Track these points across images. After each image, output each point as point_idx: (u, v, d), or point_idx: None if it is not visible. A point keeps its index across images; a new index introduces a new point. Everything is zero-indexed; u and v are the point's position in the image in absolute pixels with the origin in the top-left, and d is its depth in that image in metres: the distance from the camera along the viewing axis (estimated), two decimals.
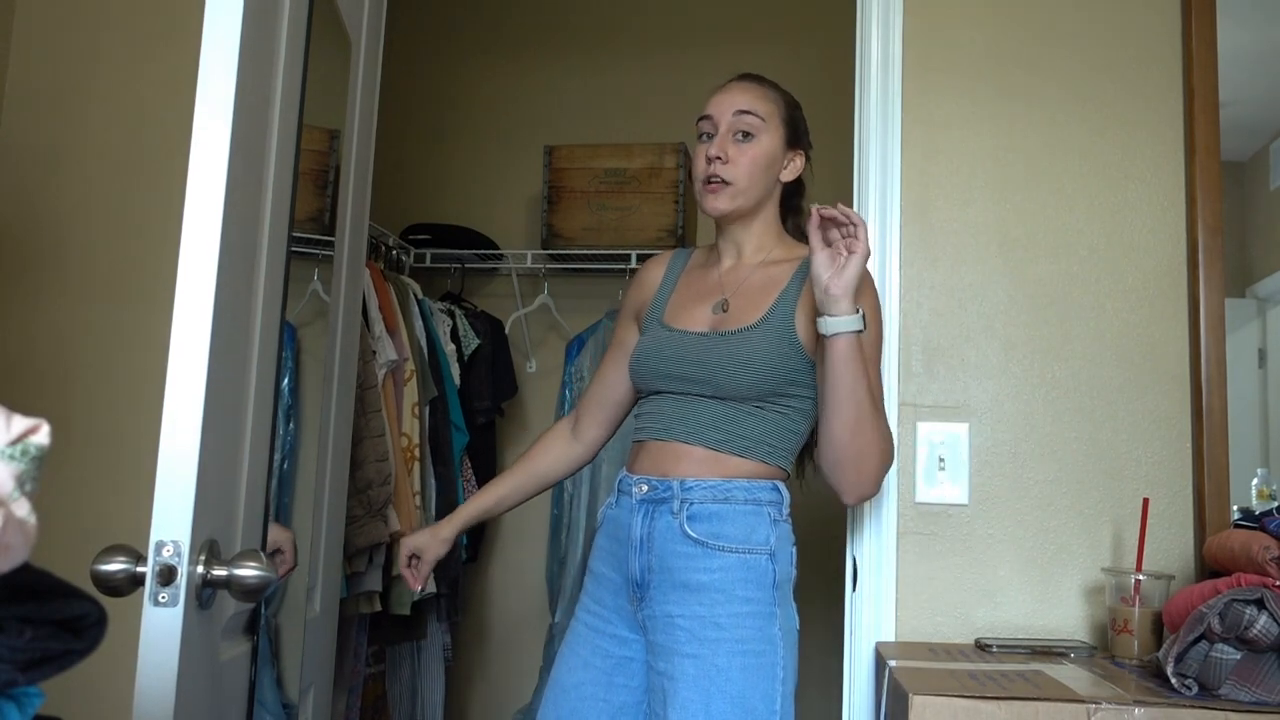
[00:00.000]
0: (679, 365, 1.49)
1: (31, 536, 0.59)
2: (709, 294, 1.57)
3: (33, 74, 2.03)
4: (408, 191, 3.49)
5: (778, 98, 1.58)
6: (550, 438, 1.75)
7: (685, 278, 1.64)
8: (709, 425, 1.47)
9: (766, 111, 1.54)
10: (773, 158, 1.55)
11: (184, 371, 1.09)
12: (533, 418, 3.43)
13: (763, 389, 1.45)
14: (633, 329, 1.68)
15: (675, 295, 1.62)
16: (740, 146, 1.53)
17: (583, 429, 1.72)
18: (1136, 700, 1.21)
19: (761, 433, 1.47)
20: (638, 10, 3.51)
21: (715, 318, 1.54)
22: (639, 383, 1.57)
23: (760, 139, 1.53)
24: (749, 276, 1.56)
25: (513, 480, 1.73)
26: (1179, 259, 1.70)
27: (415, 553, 1.68)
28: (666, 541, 1.45)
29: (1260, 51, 1.75)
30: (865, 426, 1.39)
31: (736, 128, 1.53)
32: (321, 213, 1.80)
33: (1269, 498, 1.65)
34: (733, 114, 1.54)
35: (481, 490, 1.75)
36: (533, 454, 1.74)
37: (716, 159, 1.52)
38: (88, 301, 1.98)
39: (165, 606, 1.04)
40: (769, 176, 1.55)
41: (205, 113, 1.13)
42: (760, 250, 1.58)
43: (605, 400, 1.69)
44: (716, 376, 1.45)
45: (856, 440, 1.39)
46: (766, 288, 1.52)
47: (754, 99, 1.55)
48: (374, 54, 2.01)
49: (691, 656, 1.39)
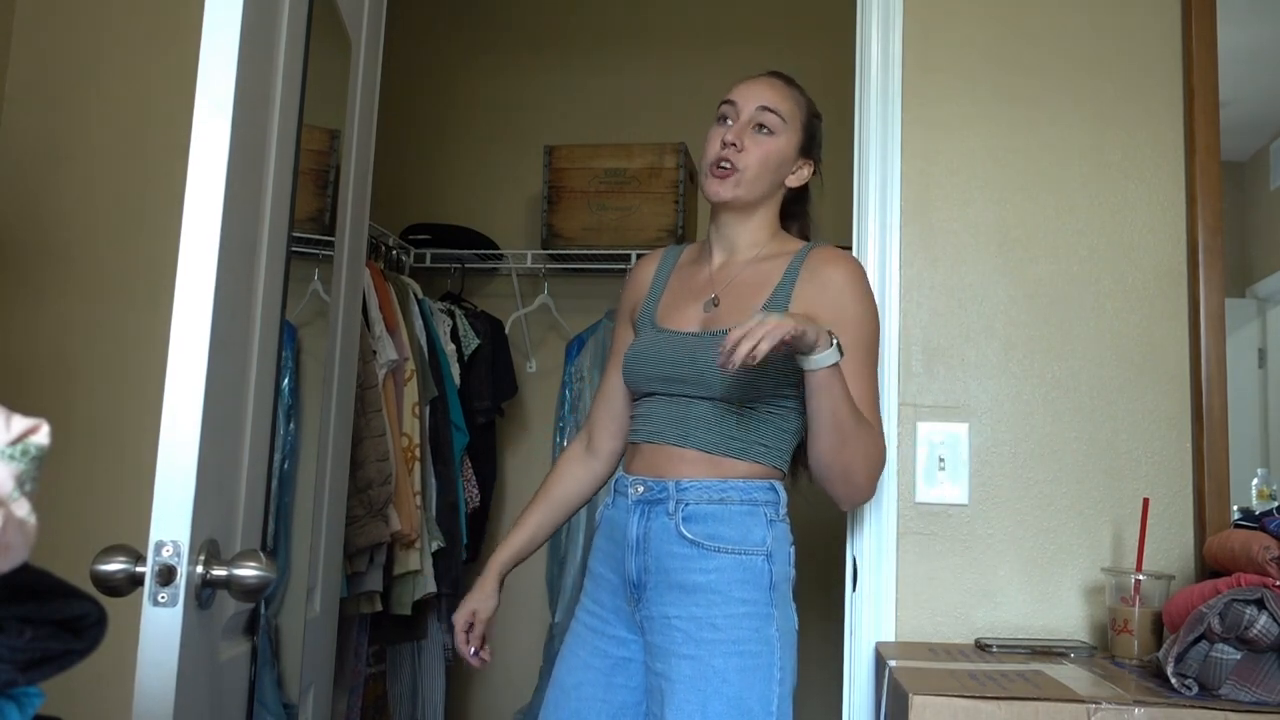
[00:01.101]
0: (670, 367, 1.49)
1: (31, 536, 0.59)
2: (700, 292, 1.56)
3: (33, 73, 2.03)
4: (408, 191, 3.49)
5: (803, 102, 1.58)
6: (565, 463, 1.71)
7: (676, 275, 1.63)
8: (701, 428, 1.46)
9: (789, 112, 1.54)
10: (785, 158, 1.54)
11: (184, 371, 1.09)
12: (533, 418, 3.43)
13: (754, 390, 1.44)
14: (630, 332, 1.68)
15: (667, 294, 1.61)
16: (756, 138, 1.53)
17: (598, 444, 1.69)
18: (1136, 700, 1.21)
19: (755, 434, 1.46)
20: (638, 11, 3.51)
21: (706, 316, 1.53)
22: (631, 385, 1.56)
23: (778, 137, 1.53)
24: (740, 274, 1.55)
25: (538, 516, 1.69)
26: (1179, 259, 1.69)
27: (471, 619, 1.64)
28: (662, 542, 1.45)
29: (1260, 51, 1.75)
30: (849, 444, 1.40)
31: (757, 120, 1.53)
32: (321, 213, 1.80)
33: (1269, 498, 1.65)
34: (756, 107, 1.54)
35: (511, 534, 1.70)
36: (551, 484, 1.70)
37: (731, 145, 1.52)
38: (88, 301, 1.98)
39: (165, 606, 1.04)
40: (777, 176, 1.55)
41: (205, 112, 1.13)
42: (754, 247, 1.57)
43: (614, 411, 1.67)
44: (706, 376, 1.44)
45: (841, 457, 1.41)
46: (759, 285, 1.51)
47: (780, 98, 1.55)
48: (374, 54, 2.01)
49: (688, 658, 1.39)
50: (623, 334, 1.69)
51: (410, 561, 2.62)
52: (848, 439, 1.39)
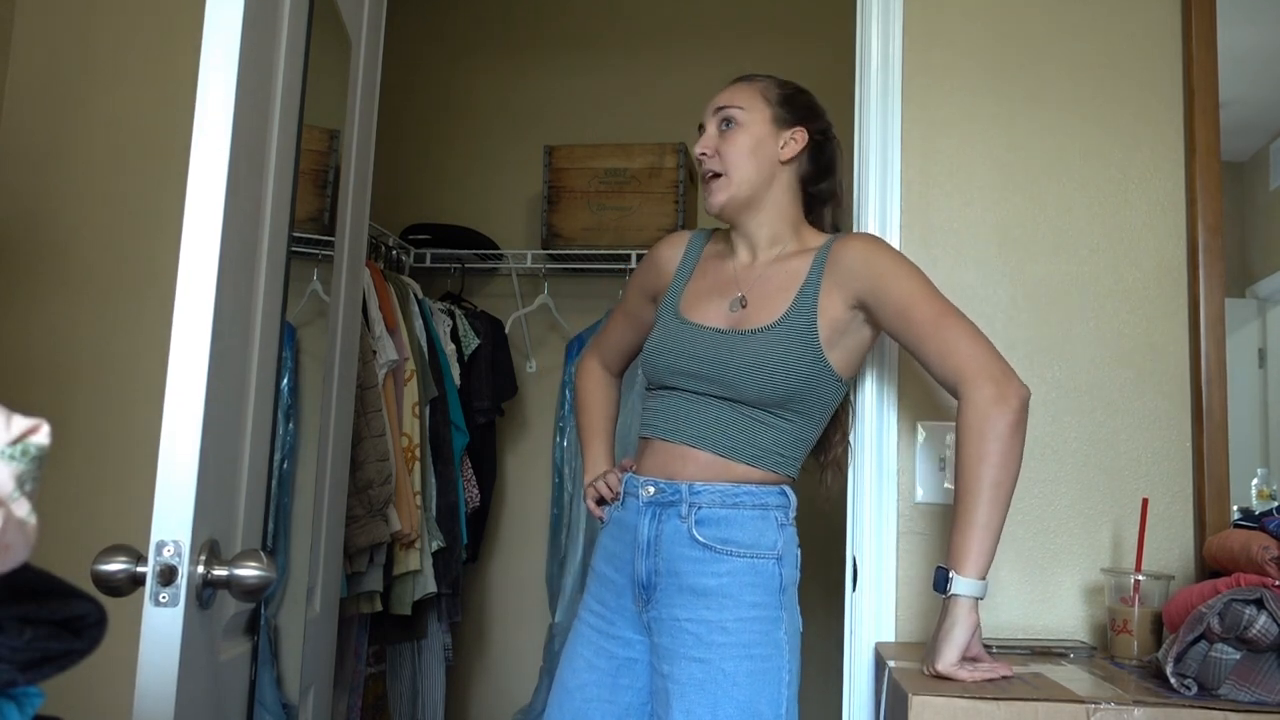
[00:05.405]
0: (693, 362, 1.48)
1: (31, 536, 0.59)
2: (725, 288, 1.55)
3: (33, 74, 2.03)
4: (408, 191, 3.49)
5: (761, 85, 1.57)
6: (601, 381, 1.81)
7: (701, 266, 1.61)
8: (719, 430, 1.46)
9: (746, 100, 1.54)
10: (760, 138, 1.53)
11: (184, 371, 1.09)
12: (533, 418, 3.43)
13: (777, 394, 1.43)
14: (647, 306, 1.68)
15: (692, 283, 1.59)
16: (725, 136, 1.54)
17: (613, 369, 1.82)
18: (1136, 700, 1.20)
19: (772, 442, 1.46)
20: (638, 10, 3.51)
21: (733, 315, 1.51)
22: (651, 375, 1.55)
23: (741, 124, 1.53)
24: (765, 273, 1.53)
25: (608, 412, 1.80)
26: (1179, 259, 1.69)
27: (601, 478, 1.63)
28: (674, 545, 1.44)
29: (1261, 51, 1.75)
30: (1010, 482, 1.35)
31: (720, 120, 1.55)
32: (321, 213, 1.80)
33: (1269, 498, 1.65)
34: (713, 112, 1.56)
35: (594, 424, 1.78)
36: (601, 395, 1.80)
37: (704, 155, 1.54)
38: (88, 301, 1.98)
39: (165, 606, 1.04)
40: (760, 159, 1.53)
41: (205, 112, 1.13)
42: (775, 243, 1.55)
43: (626, 353, 1.78)
44: (729, 377, 1.44)
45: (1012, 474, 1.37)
46: (785, 285, 1.50)
47: (732, 95, 1.56)
48: (374, 54, 2.01)
49: (698, 661, 1.39)
50: (634, 302, 1.71)
51: (410, 561, 2.62)
52: (1007, 488, 1.34)
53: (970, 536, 1.31)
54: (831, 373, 1.46)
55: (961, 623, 1.30)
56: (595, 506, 1.64)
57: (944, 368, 1.38)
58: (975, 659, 1.31)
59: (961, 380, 1.35)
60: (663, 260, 1.66)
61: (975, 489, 1.32)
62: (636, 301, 1.70)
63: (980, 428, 1.32)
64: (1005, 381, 1.34)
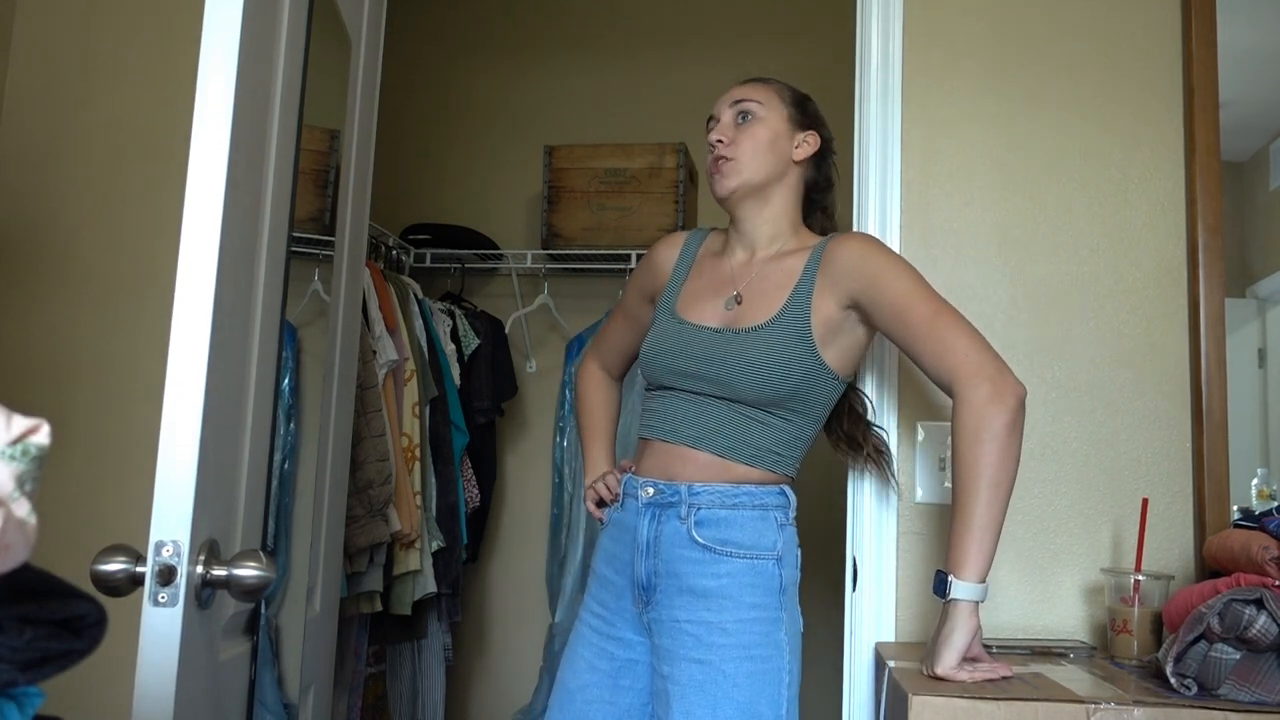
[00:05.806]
0: (690, 362, 1.48)
1: (31, 536, 0.59)
2: (721, 286, 1.55)
3: (33, 74, 2.03)
4: (408, 191, 3.49)
5: (779, 87, 1.59)
6: (601, 384, 1.81)
7: (698, 265, 1.62)
8: (717, 430, 1.46)
9: (765, 97, 1.56)
10: (776, 135, 1.54)
11: (184, 371, 1.09)
12: (533, 418, 3.43)
13: (773, 393, 1.43)
14: (645, 307, 1.68)
15: (688, 283, 1.60)
16: (740, 127, 1.54)
17: (613, 372, 1.82)
18: (1136, 700, 1.20)
19: (770, 441, 1.46)
20: (638, 10, 3.51)
21: (728, 314, 1.51)
22: (649, 376, 1.55)
23: (760, 118, 1.54)
24: (762, 270, 1.53)
25: (609, 413, 1.80)
26: (1179, 259, 1.69)
27: (600, 480, 1.63)
28: (674, 546, 1.44)
29: (1261, 51, 1.75)
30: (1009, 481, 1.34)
31: (737, 113, 1.55)
32: (321, 213, 1.80)
33: (1269, 498, 1.65)
34: (731, 104, 1.56)
35: (594, 426, 1.78)
36: (601, 397, 1.80)
37: (719, 142, 1.54)
38: (88, 301, 1.98)
39: (165, 606, 1.04)
40: (774, 154, 1.54)
41: (205, 112, 1.13)
42: (774, 241, 1.56)
43: (625, 354, 1.78)
44: (726, 376, 1.44)
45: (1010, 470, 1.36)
46: (780, 283, 1.50)
47: (751, 90, 1.57)
48: (374, 54, 2.01)
49: (698, 662, 1.39)
50: (634, 304, 1.71)
51: (410, 561, 2.62)
52: (1005, 488, 1.33)
53: (969, 539, 1.31)
54: (828, 370, 1.46)
55: (961, 627, 1.30)
56: (595, 508, 1.64)
57: (939, 367, 1.37)
58: (975, 659, 1.31)
59: (957, 380, 1.35)
60: (660, 260, 1.66)
61: (973, 490, 1.31)
62: (635, 302, 1.71)
63: (976, 427, 1.32)
64: (1001, 380, 1.34)
